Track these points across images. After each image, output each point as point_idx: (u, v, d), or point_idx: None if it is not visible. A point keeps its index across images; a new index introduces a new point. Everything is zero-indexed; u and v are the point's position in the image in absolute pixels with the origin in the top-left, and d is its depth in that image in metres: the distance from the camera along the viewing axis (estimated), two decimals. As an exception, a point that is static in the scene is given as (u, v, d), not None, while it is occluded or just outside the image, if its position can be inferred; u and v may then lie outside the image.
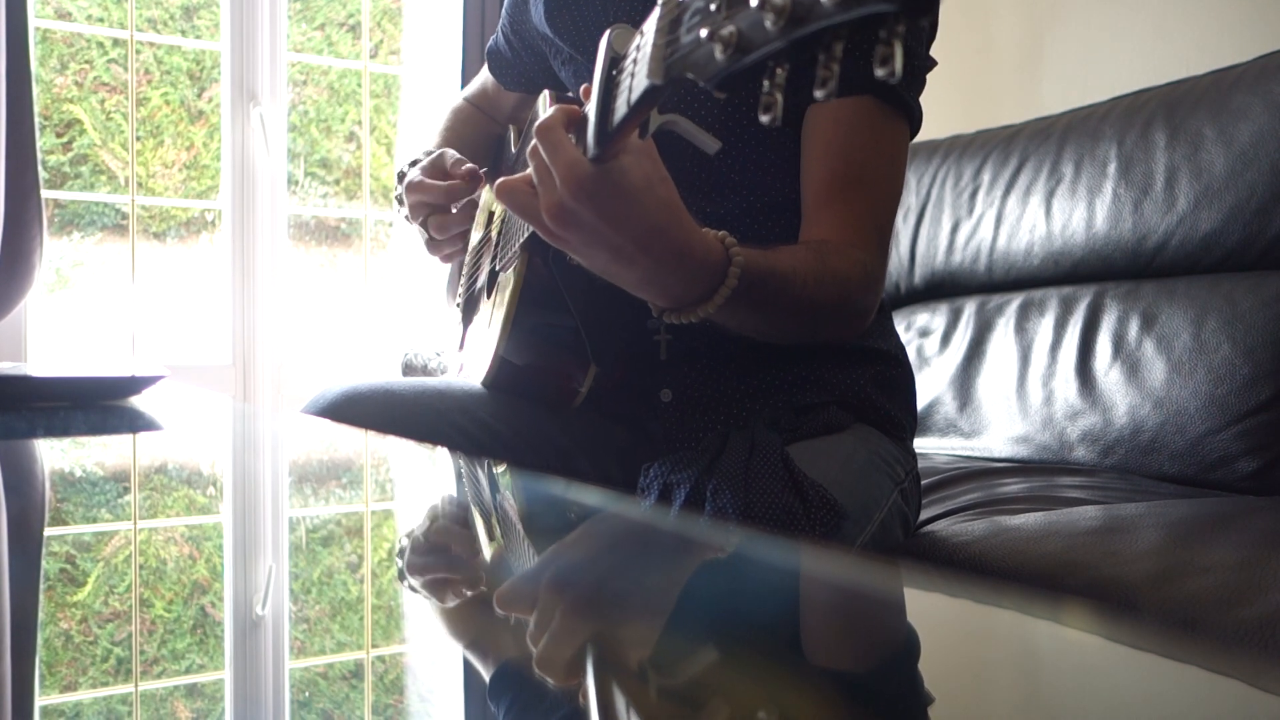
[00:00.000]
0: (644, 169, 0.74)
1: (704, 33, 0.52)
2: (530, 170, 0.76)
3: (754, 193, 1.02)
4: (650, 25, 0.60)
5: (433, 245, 1.18)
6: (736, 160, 1.02)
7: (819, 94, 0.45)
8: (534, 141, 0.74)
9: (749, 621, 0.37)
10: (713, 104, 1.01)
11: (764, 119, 0.49)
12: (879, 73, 0.42)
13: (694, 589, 0.42)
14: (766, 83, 0.49)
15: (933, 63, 1.02)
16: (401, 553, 0.50)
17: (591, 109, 0.70)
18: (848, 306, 0.93)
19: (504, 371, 1.02)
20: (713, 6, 0.51)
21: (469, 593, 0.43)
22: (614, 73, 0.68)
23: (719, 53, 0.50)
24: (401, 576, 0.46)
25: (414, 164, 1.20)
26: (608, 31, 0.69)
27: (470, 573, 0.47)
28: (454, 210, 1.14)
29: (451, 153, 1.16)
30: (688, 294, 0.79)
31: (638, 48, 0.63)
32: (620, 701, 0.30)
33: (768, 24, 0.46)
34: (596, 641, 0.36)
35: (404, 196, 1.17)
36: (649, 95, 0.61)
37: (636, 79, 0.62)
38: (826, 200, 0.97)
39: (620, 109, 0.66)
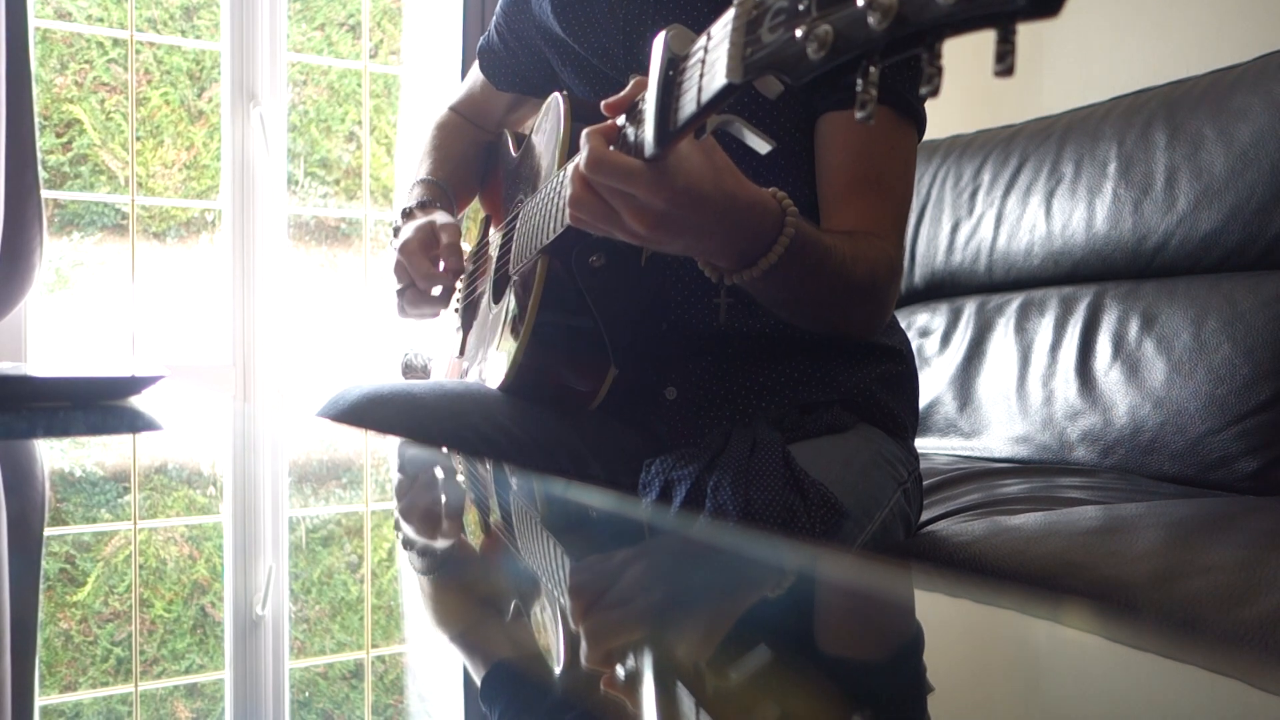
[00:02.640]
0: (697, 144, 0.75)
1: (798, 32, 0.52)
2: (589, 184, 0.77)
3: None
4: (724, 27, 0.61)
5: (402, 312, 1.16)
6: (753, 169, 1.02)
7: (924, 90, 0.46)
8: (590, 176, 0.75)
9: (749, 620, 0.37)
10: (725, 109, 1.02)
11: (859, 115, 0.50)
12: (996, 69, 0.42)
13: (692, 588, 0.42)
14: (860, 81, 0.50)
15: None
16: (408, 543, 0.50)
17: (649, 109, 0.71)
18: (876, 291, 0.94)
19: (523, 376, 1.02)
20: (801, 6, 0.52)
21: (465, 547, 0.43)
22: (671, 73, 0.69)
23: (813, 52, 0.51)
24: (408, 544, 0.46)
25: (408, 214, 1.18)
26: (664, 33, 0.70)
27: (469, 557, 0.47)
28: (433, 295, 1.12)
29: (446, 225, 1.11)
30: (752, 248, 0.81)
31: (705, 49, 0.64)
32: (620, 699, 0.30)
33: (871, 22, 0.46)
34: (599, 640, 0.36)
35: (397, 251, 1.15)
36: (723, 94, 0.63)
37: (708, 78, 0.63)
38: (847, 199, 0.99)
39: (687, 107, 0.67)
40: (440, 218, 1.13)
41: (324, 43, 2.69)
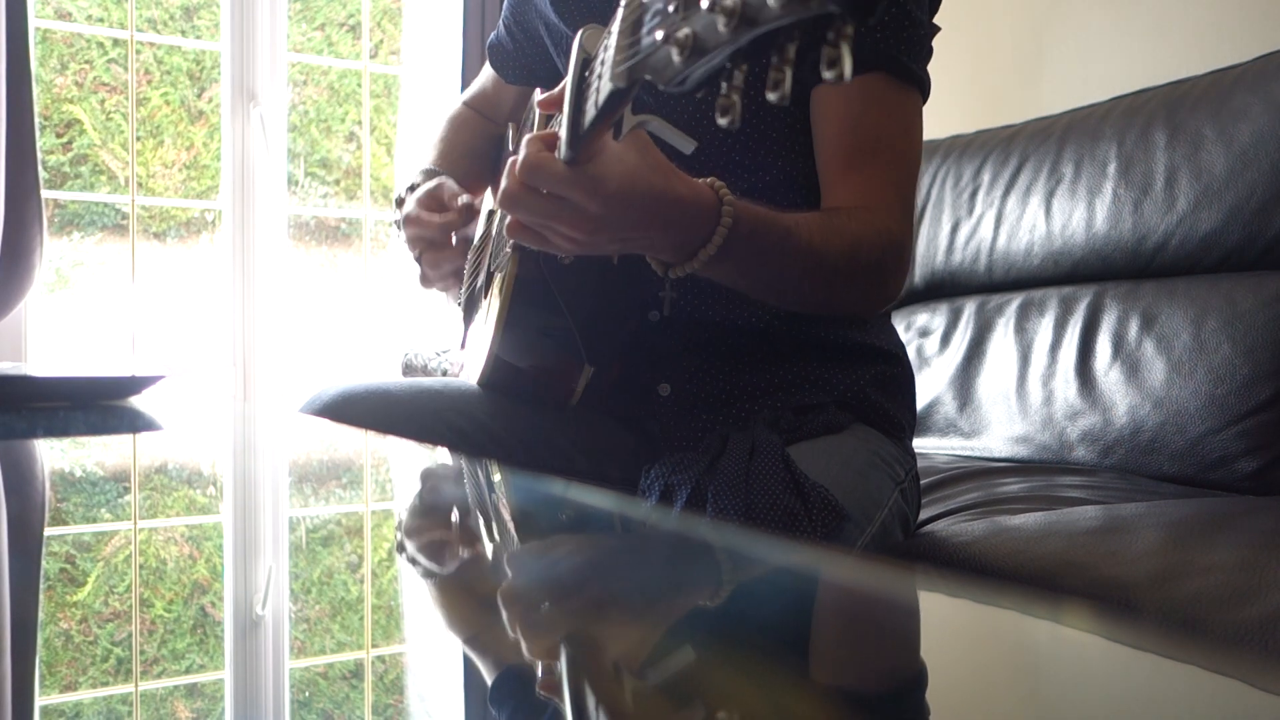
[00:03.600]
0: (629, 144, 0.74)
1: (660, 35, 0.51)
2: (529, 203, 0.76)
3: (761, 171, 1.02)
4: (614, 27, 0.60)
5: (425, 280, 1.16)
6: (740, 140, 1.02)
7: (772, 96, 0.44)
8: (528, 184, 0.73)
9: (749, 623, 0.37)
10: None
11: (722, 122, 0.48)
12: (827, 75, 0.41)
13: (695, 591, 0.42)
14: (724, 84, 0.48)
15: (936, 29, 1.02)
16: (401, 546, 0.50)
17: (564, 111, 0.69)
18: (862, 266, 0.91)
19: (499, 371, 1.02)
20: (670, 8, 0.50)
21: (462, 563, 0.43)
22: (585, 74, 0.67)
23: (676, 55, 0.49)
24: (401, 548, 0.46)
25: (412, 189, 1.19)
26: (579, 32, 0.68)
27: (464, 560, 0.47)
28: (452, 244, 1.12)
29: (449, 184, 1.13)
30: (689, 241, 0.80)
31: (605, 48, 0.63)
32: (618, 701, 0.30)
33: (720, 26, 0.45)
34: (596, 641, 0.36)
35: (402, 224, 1.16)
36: (614, 99, 0.61)
37: (603, 81, 0.62)
38: (843, 173, 0.97)
39: (589, 111, 0.65)
40: (433, 181, 1.14)
41: (324, 43, 2.69)
